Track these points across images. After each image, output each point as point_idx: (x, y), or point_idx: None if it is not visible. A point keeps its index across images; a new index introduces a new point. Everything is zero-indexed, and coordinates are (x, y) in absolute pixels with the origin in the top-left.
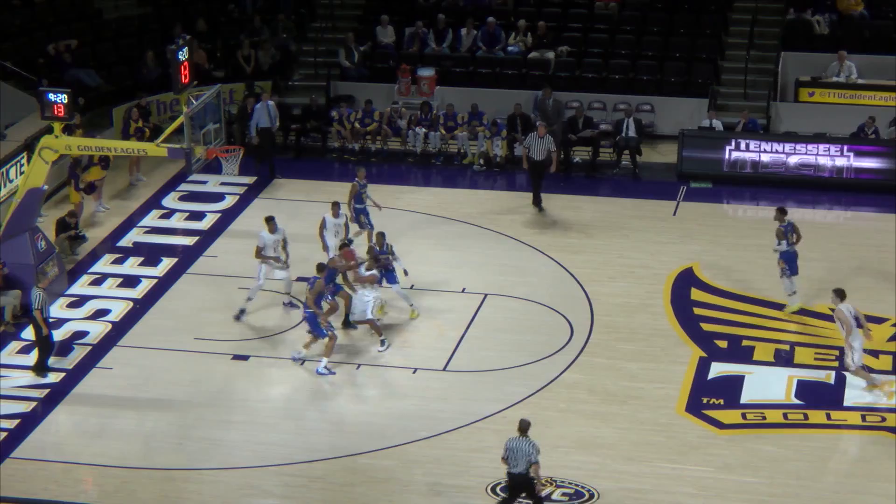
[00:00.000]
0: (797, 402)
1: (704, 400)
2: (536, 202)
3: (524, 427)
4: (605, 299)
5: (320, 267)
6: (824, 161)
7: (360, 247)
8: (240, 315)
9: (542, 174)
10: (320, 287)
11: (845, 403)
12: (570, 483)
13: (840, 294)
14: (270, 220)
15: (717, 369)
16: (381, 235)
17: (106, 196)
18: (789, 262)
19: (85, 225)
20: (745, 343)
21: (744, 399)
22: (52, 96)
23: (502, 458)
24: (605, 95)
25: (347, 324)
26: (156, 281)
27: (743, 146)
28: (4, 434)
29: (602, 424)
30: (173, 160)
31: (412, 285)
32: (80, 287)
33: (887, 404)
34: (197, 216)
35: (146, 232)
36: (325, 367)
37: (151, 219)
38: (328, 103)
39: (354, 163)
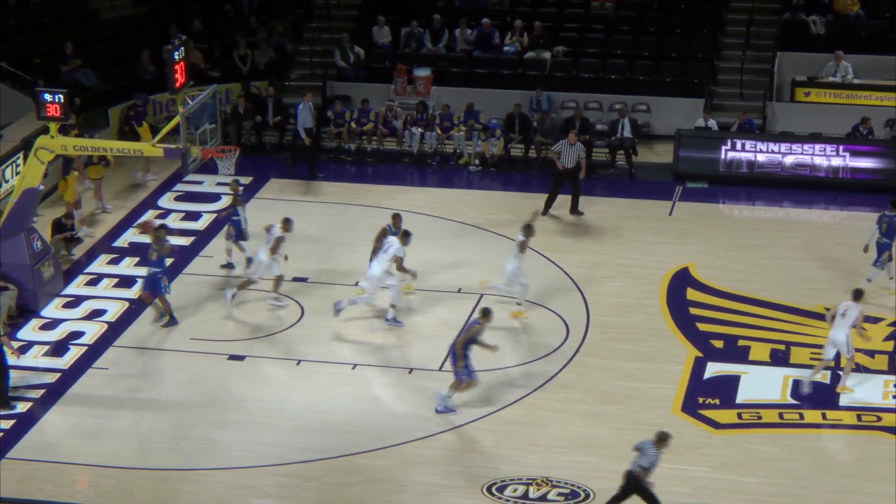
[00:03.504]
0: (793, 401)
1: (700, 400)
2: (548, 208)
3: (661, 437)
4: (601, 299)
5: (485, 312)
6: (820, 161)
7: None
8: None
9: (576, 181)
10: (476, 331)
11: (841, 403)
12: (565, 483)
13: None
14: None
15: (713, 369)
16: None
17: (108, 195)
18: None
19: (84, 224)
20: (740, 343)
21: (739, 399)
22: (48, 96)
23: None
24: (602, 95)
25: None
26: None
27: (739, 146)
28: (0, 434)
29: (598, 424)
30: (169, 160)
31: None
32: (76, 287)
33: (883, 404)
34: (193, 216)
35: (142, 232)
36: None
37: (148, 219)
38: (324, 103)
39: (350, 163)
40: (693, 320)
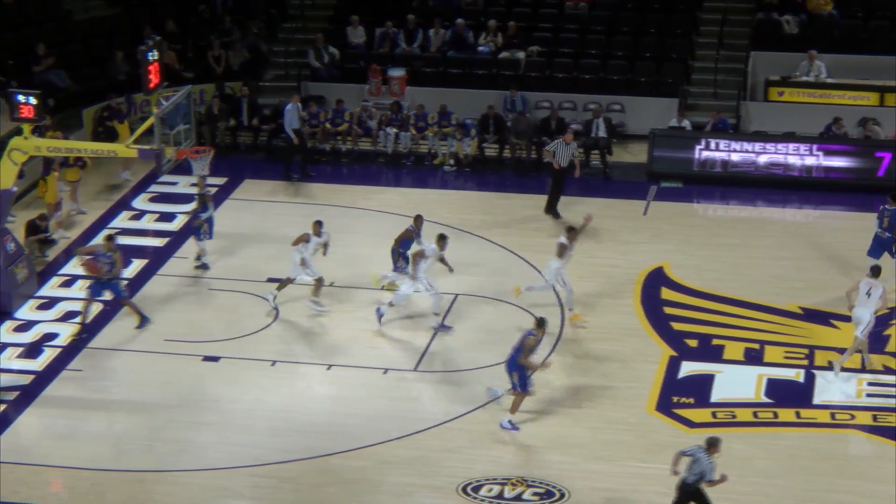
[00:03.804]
0: (767, 400)
1: (675, 399)
2: (552, 209)
3: (712, 443)
4: (576, 299)
5: (540, 322)
6: (794, 160)
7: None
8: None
9: (564, 181)
10: (532, 343)
11: (815, 402)
12: (541, 483)
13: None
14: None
15: (688, 368)
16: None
17: (85, 196)
18: None
19: (60, 226)
20: (715, 342)
21: (714, 398)
22: (21, 97)
23: (680, 454)
24: (576, 95)
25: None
26: (126, 282)
27: (713, 146)
28: None
29: (573, 424)
30: (144, 161)
31: (382, 287)
32: (51, 289)
33: (857, 402)
34: (167, 217)
35: (116, 233)
36: (509, 422)
37: (122, 220)
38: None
39: (325, 163)
40: (667, 319)
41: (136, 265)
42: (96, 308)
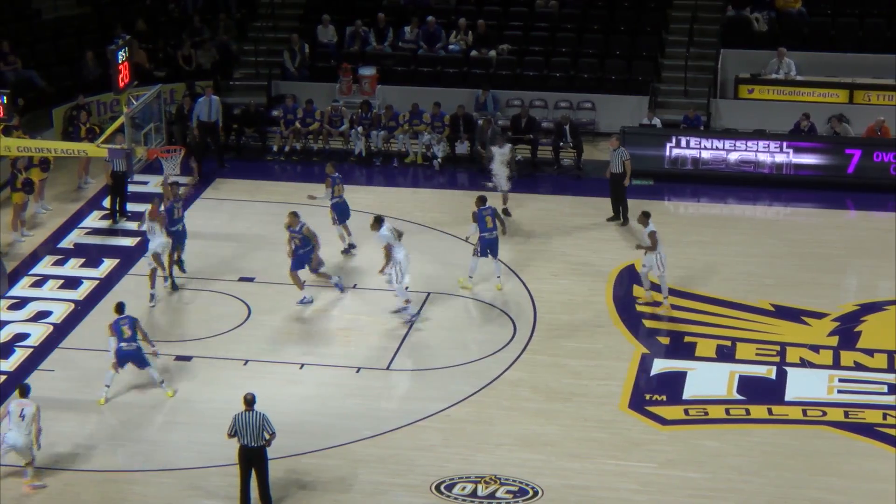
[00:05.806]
0: (739, 397)
1: (647, 396)
2: (616, 216)
3: (249, 401)
4: (548, 297)
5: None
6: (764, 157)
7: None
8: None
9: (620, 188)
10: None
11: (787, 398)
12: (513, 480)
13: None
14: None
15: (660, 366)
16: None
17: (50, 197)
18: None
19: (27, 226)
20: (687, 339)
21: (686, 395)
22: None
23: (227, 434)
24: (547, 94)
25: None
26: (97, 282)
27: (683, 143)
28: None
29: (545, 422)
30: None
31: (355, 284)
32: (21, 289)
33: (828, 398)
34: (139, 217)
35: (87, 233)
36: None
37: (93, 220)
38: (269, 103)
39: (296, 162)
40: (639, 317)
41: (107, 265)
42: None
